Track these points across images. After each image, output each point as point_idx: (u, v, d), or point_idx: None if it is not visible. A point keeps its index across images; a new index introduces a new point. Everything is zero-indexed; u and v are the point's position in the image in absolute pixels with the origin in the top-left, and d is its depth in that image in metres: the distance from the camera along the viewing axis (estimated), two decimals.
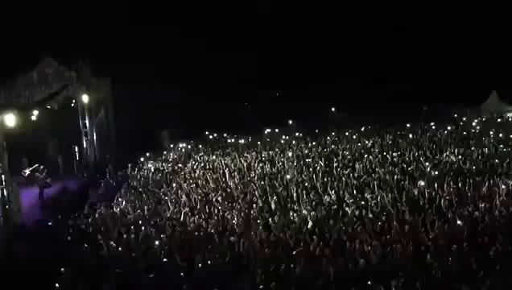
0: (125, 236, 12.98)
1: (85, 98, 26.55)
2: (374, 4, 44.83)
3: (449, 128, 30.71)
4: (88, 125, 27.15)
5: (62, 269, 10.47)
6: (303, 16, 45.70)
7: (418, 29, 43.50)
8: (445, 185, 14.82)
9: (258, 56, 42.36)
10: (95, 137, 27.86)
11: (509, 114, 38.76)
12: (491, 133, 26.43)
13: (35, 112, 22.76)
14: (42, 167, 21.58)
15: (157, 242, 12.18)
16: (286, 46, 43.10)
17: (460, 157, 19.74)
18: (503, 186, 14.20)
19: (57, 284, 10.08)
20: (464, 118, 36.91)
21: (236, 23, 43.59)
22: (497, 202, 12.78)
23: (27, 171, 21.90)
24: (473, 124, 32.79)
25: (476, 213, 12.17)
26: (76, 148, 27.18)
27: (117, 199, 18.11)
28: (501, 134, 25.63)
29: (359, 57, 42.63)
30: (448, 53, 41.43)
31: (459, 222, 11.52)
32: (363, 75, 42.09)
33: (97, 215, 15.86)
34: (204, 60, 41.77)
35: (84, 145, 27.16)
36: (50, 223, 15.56)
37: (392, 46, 42.38)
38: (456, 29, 42.26)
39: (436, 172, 17.01)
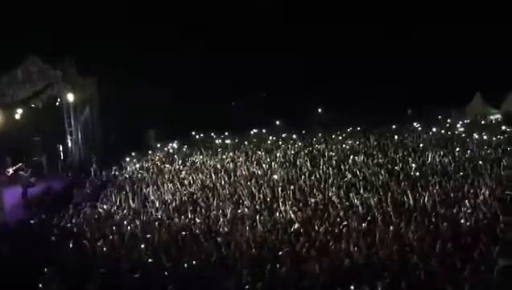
0: (110, 236, 12.88)
1: (70, 97, 26.34)
2: (360, 5, 45.10)
3: (434, 129, 31.00)
4: (73, 124, 26.90)
5: (45, 269, 10.34)
6: (291, 16, 45.87)
7: (404, 30, 43.83)
8: (430, 186, 14.95)
9: (245, 57, 42.41)
10: (80, 136, 27.63)
11: (492, 117, 39.33)
12: (475, 135, 26.75)
13: (19, 110, 22.56)
14: (25, 166, 21.33)
15: (142, 242, 12.10)
16: (273, 47, 43.21)
17: (444, 158, 19.93)
18: (484, 188, 14.35)
19: (40, 284, 9.95)
20: (449, 120, 37.30)
21: (225, 24, 43.62)
22: (480, 203, 12.90)
23: (11, 171, 21.66)
24: (458, 126, 33.16)
25: (460, 213, 12.28)
26: (61, 147, 26.90)
27: (103, 199, 17.97)
28: (485, 137, 25.94)
29: (345, 58, 42.88)
30: (434, 54, 41.77)
31: (443, 223, 11.61)
32: (349, 76, 42.33)
33: (81, 215, 15.71)
34: (190, 61, 41.71)
35: (69, 144, 26.92)
36: (32, 222, 15.36)
37: (378, 47, 42.69)
38: (440, 30, 42.68)
39: (421, 173, 17.16)
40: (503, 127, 30.76)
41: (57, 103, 27.03)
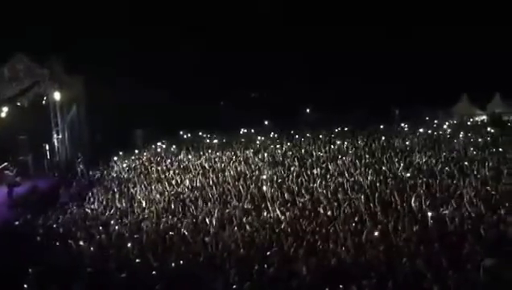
0: (97, 236, 12.81)
1: (57, 96, 26.11)
2: (347, 5, 45.24)
3: (421, 130, 31.23)
4: (59, 123, 26.66)
5: (30, 269, 10.25)
6: (281, 16, 45.91)
7: (392, 31, 44.06)
8: (417, 187, 15.06)
9: (233, 57, 42.36)
10: (66, 135, 27.38)
11: (477, 118, 39.79)
12: (461, 136, 27.01)
13: (5, 109, 22.32)
14: (11, 165, 21.11)
15: (129, 242, 12.04)
16: (262, 47, 43.20)
17: (431, 159, 20.08)
18: (470, 188, 14.49)
19: (25, 285, 9.85)
20: (435, 121, 37.62)
21: (213, 25, 43.56)
22: (466, 203, 13.03)
23: None
24: (444, 126, 33.44)
25: (447, 213, 12.39)
26: (47, 147, 26.63)
27: (89, 199, 17.86)
28: (472, 138, 26.18)
29: (332, 59, 43.01)
30: (422, 54, 42.00)
31: (430, 223, 11.72)
32: (337, 76, 42.46)
33: (68, 215, 15.60)
34: (178, 61, 41.56)
35: (56, 143, 26.66)
36: (17, 222, 15.21)
37: (365, 48, 42.86)
38: (428, 31, 42.97)
39: (408, 174, 17.27)
40: (489, 128, 31.11)
41: (43, 102, 26.78)
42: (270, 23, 43.94)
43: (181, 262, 10.54)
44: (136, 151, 29.23)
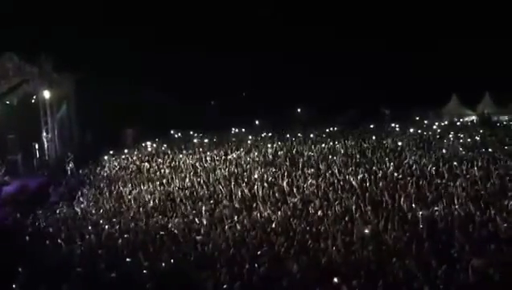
0: (87, 235, 12.74)
1: (47, 94, 25.94)
2: (337, 5, 45.32)
3: (412, 130, 31.38)
4: (49, 122, 26.48)
5: (19, 269, 10.17)
6: (273, 16, 45.94)
7: (383, 31, 44.19)
8: (407, 186, 15.14)
9: (225, 57, 42.31)
10: (56, 134, 27.20)
11: (467, 118, 40.08)
12: (450, 136, 27.18)
13: None
14: (0, 164, 20.96)
15: (120, 242, 11.99)
16: (254, 46, 43.19)
17: (421, 159, 20.19)
18: (459, 188, 14.60)
19: (14, 285, 9.77)
20: (425, 121, 37.82)
21: (205, 25, 43.50)
22: (456, 203, 13.12)
23: None
24: (434, 127, 33.62)
25: (436, 213, 12.47)
26: (37, 145, 26.44)
27: (79, 198, 17.76)
28: (461, 138, 26.34)
29: (323, 58, 43.08)
30: (411, 55, 42.16)
31: (420, 222, 11.78)
32: (328, 76, 42.53)
33: (57, 214, 15.50)
34: (169, 61, 41.47)
35: (45, 142, 26.48)
36: (6, 222, 15.10)
37: (357, 47, 42.98)
38: (419, 31, 43.16)
39: (398, 173, 17.35)
40: (478, 129, 31.34)
41: (33, 100, 26.59)
42: (262, 23, 43.98)
43: (172, 261, 10.52)
44: (126, 151, 29.09)
